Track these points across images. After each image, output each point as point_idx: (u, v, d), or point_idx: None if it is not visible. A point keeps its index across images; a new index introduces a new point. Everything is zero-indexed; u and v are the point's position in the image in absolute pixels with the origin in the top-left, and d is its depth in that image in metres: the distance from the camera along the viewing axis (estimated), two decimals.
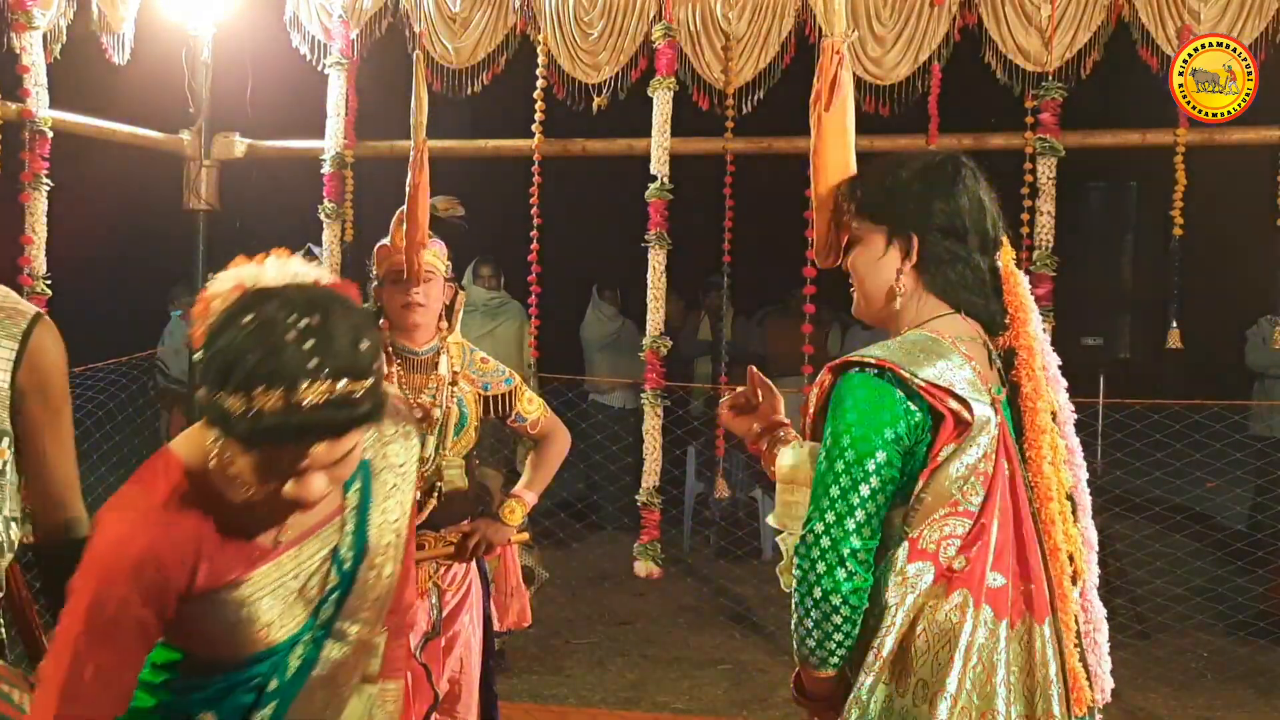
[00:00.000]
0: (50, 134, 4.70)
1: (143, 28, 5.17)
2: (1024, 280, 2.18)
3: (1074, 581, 2.11)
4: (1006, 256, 2.18)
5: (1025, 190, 4.81)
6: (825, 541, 1.99)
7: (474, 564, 3.40)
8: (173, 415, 7.29)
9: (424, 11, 5.27)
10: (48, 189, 4.72)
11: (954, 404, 1.99)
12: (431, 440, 3.26)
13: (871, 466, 1.98)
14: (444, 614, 3.29)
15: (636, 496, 5.18)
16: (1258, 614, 6.38)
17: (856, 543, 1.98)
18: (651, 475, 5.11)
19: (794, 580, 2.06)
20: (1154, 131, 4.88)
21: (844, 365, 2.06)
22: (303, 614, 1.81)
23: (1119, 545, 6.82)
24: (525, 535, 3.62)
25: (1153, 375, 6.82)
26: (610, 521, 7.94)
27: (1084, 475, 2.18)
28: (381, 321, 3.36)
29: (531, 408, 3.49)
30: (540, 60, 5.22)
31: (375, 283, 3.39)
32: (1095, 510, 2.24)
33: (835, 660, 2.03)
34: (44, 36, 4.75)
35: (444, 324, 3.35)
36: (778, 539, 2.27)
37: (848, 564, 1.98)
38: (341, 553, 1.82)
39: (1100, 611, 2.14)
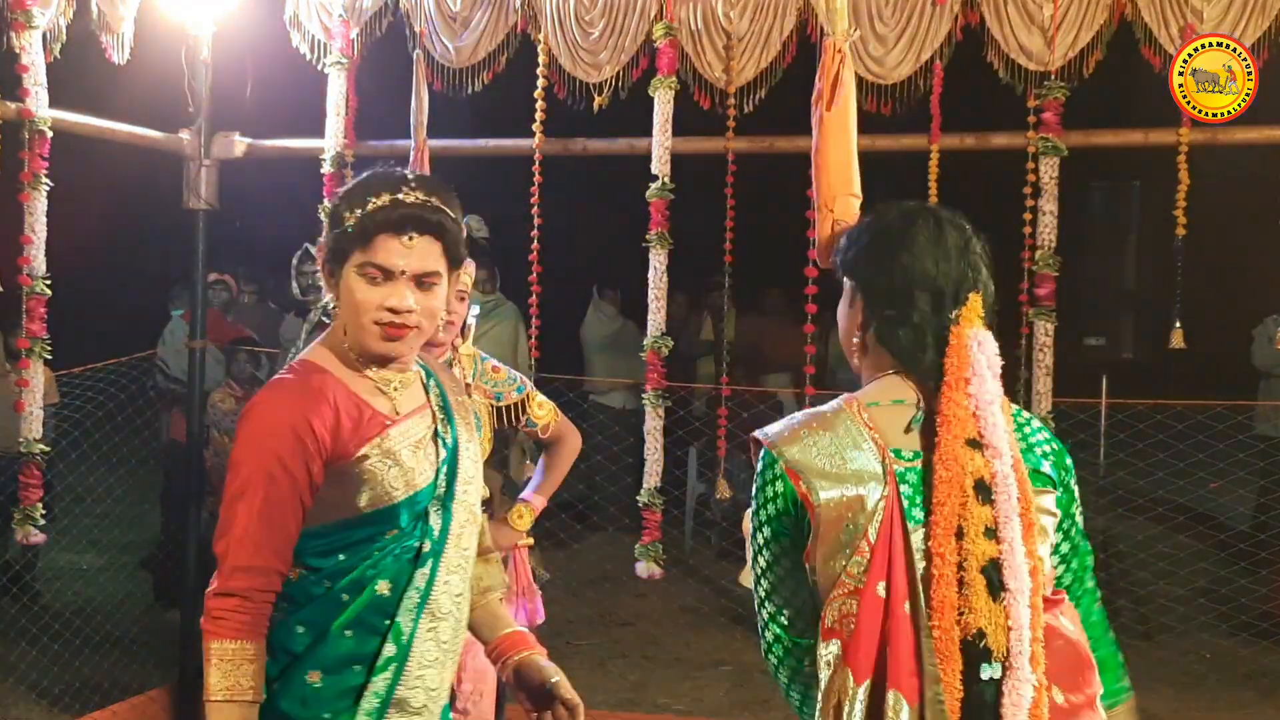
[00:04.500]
0: (50, 133, 4.68)
1: (142, 27, 5.15)
2: (978, 342, 2.07)
3: (985, 659, 2.00)
4: (970, 314, 2.09)
5: (1028, 190, 4.79)
6: (764, 611, 2.13)
7: None
8: (173, 415, 7.26)
9: (424, 11, 5.25)
10: (47, 189, 4.70)
11: (804, 486, 2.02)
12: None
13: (779, 549, 2.08)
14: None
15: (638, 497, 5.16)
16: (1261, 615, 6.37)
17: (771, 607, 2.11)
18: (653, 476, 5.09)
19: None
20: (1157, 131, 4.86)
21: (752, 440, 2.16)
22: (430, 470, 2.26)
23: (1122, 546, 6.81)
24: (530, 541, 3.63)
25: (1156, 375, 6.80)
26: (611, 522, 7.93)
27: (1013, 552, 2.00)
28: None
29: (542, 412, 3.50)
30: (541, 59, 5.20)
31: None
32: (1098, 510, 2.19)
33: (806, 713, 2.12)
34: (43, 36, 4.72)
35: (458, 337, 3.36)
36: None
37: (774, 622, 2.12)
38: (440, 431, 2.30)
39: (1024, 693, 2.05)
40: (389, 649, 2.19)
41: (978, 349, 2.07)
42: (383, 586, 2.20)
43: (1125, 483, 6.61)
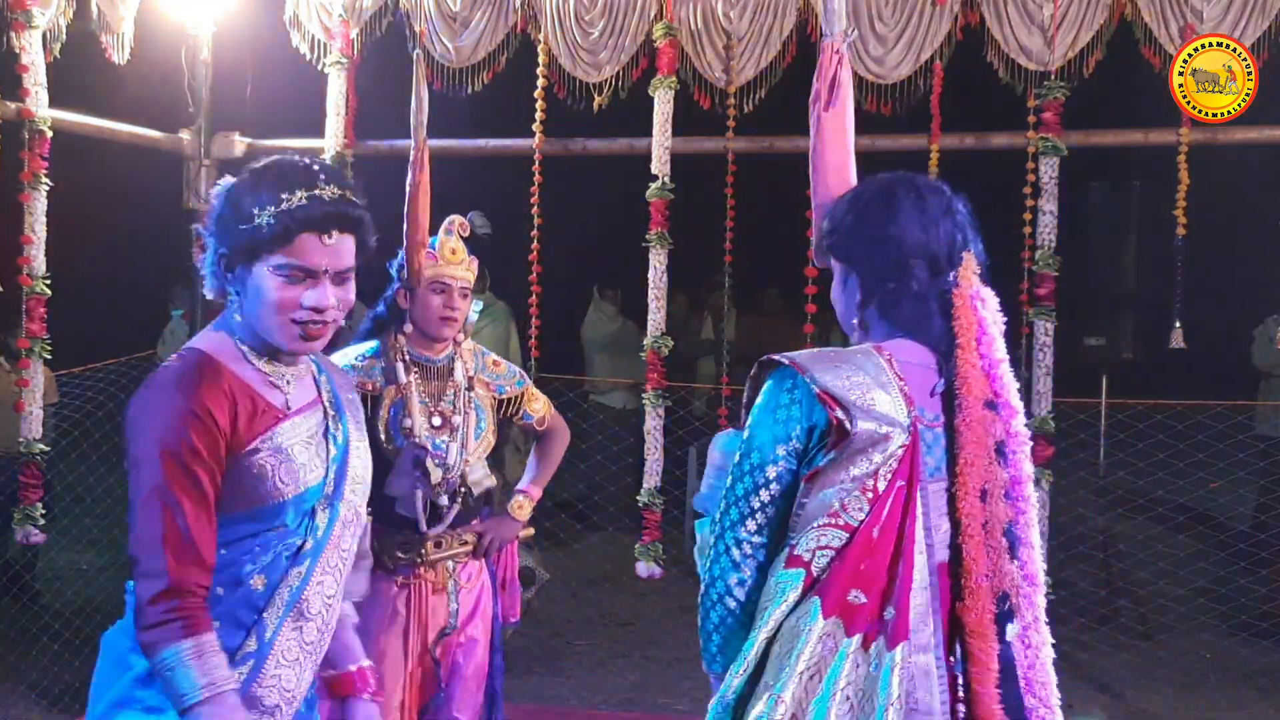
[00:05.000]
0: (49, 133, 4.68)
1: (142, 27, 5.15)
2: (980, 301, 2.11)
3: (1009, 619, 2.05)
4: (967, 274, 2.12)
5: (1028, 190, 4.79)
6: (729, 537, 2.07)
7: (484, 563, 3.44)
8: None
9: (424, 10, 5.26)
10: (47, 189, 4.70)
11: (840, 413, 2.00)
12: (455, 447, 3.28)
13: (772, 474, 2.05)
14: (461, 612, 3.33)
15: (637, 497, 5.16)
16: (1261, 615, 6.37)
17: (757, 540, 2.06)
18: (653, 476, 5.09)
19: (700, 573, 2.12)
20: (1157, 130, 4.87)
21: (768, 361, 2.11)
22: (320, 466, 2.22)
23: (1122, 546, 6.80)
24: (530, 531, 3.67)
25: (1156, 375, 6.80)
26: (611, 522, 7.92)
27: (1030, 508, 2.09)
28: (407, 328, 3.32)
29: (538, 405, 3.57)
30: (540, 59, 5.21)
31: (402, 287, 3.34)
32: (1098, 510, 2.21)
33: (721, 661, 2.09)
34: (43, 35, 4.73)
35: (459, 333, 3.38)
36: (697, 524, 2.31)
37: (743, 558, 2.06)
38: (331, 429, 2.27)
39: (1045, 651, 2.08)
40: (250, 644, 2.14)
41: (982, 308, 2.10)
42: (257, 582, 2.16)
43: (1125, 483, 6.61)
